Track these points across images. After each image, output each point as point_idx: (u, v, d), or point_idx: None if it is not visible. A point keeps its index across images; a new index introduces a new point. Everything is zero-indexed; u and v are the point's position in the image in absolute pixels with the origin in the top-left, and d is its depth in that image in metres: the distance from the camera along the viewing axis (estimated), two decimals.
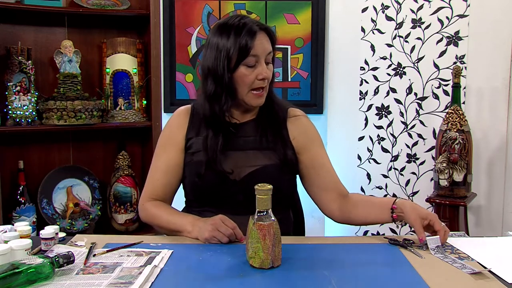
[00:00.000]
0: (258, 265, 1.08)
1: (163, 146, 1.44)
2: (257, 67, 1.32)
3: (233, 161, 1.36)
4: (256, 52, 1.30)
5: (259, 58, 1.31)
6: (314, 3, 2.57)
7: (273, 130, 1.40)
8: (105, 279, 1.01)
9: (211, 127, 1.37)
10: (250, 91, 1.34)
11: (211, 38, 1.34)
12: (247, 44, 1.29)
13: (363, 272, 1.08)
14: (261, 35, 1.32)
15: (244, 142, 1.39)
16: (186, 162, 1.41)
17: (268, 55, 1.33)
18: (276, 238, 1.08)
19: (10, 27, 2.41)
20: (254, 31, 1.30)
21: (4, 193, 2.28)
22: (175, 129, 1.44)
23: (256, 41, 1.30)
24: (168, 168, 1.41)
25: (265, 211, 1.08)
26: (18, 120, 2.30)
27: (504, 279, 1.03)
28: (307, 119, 1.49)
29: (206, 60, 1.36)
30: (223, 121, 1.38)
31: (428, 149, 2.45)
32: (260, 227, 1.07)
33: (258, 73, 1.32)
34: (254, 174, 1.34)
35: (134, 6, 2.59)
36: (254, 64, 1.31)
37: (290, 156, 1.39)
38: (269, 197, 1.08)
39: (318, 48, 2.58)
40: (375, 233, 2.53)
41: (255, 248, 1.07)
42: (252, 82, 1.32)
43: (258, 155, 1.37)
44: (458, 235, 1.32)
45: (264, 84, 1.34)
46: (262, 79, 1.32)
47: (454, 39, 2.38)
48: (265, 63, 1.33)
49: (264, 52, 1.32)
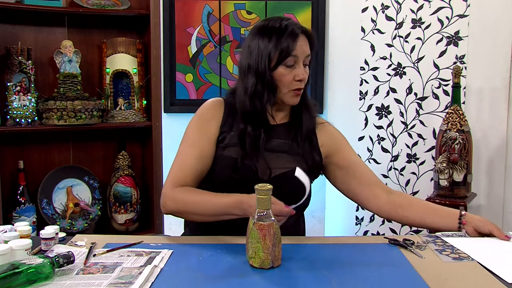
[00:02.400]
0: (258, 265, 1.08)
1: (196, 134, 1.41)
2: (296, 68, 1.35)
3: (264, 161, 1.37)
4: (296, 53, 1.34)
5: (298, 60, 1.35)
6: (314, 3, 2.57)
7: (304, 135, 1.43)
8: (105, 279, 1.01)
9: (250, 123, 1.38)
10: (289, 91, 1.37)
11: (252, 38, 1.38)
12: (288, 46, 1.33)
13: (363, 272, 1.08)
14: (302, 38, 1.36)
15: (276, 144, 1.41)
16: (217, 155, 1.39)
17: (306, 57, 1.38)
18: (276, 238, 1.08)
19: (10, 27, 2.41)
20: (296, 34, 1.35)
21: (4, 193, 2.28)
22: (209, 119, 1.43)
23: (297, 43, 1.34)
24: (202, 155, 1.38)
25: (265, 211, 1.08)
26: (18, 120, 2.30)
27: (504, 279, 1.03)
28: (332, 125, 1.54)
29: (246, 58, 1.39)
30: (263, 119, 1.39)
31: (428, 149, 2.45)
32: (260, 227, 1.07)
33: (295, 74, 1.35)
34: (284, 175, 1.36)
35: (134, 6, 2.59)
36: (293, 65, 1.35)
37: (318, 162, 1.44)
38: (269, 197, 1.08)
39: (318, 48, 2.58)
40: (375, 233, 2.54)
41: (255, 248, 1.07)
42: (290, 82, 1.36)
43: (288, 158, 1.40)
44: (459, 235, 1.32)
45: (302, 85, 1.38)
46: (299, 80, 1.36)
47: (454, 39, 2.38)
48: (303, 65, 1.37)
49: (303, 54, 1.36)
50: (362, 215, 2.56)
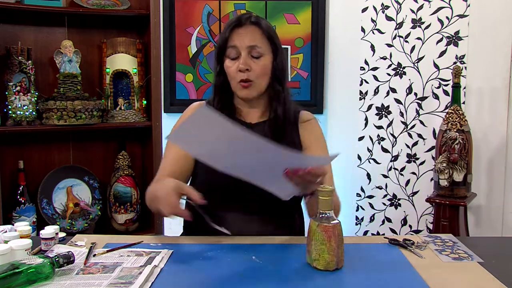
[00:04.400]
0: (323, 267, 1.06)
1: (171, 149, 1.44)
2: (239, 59, 1.35)
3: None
4: (234, 43, 1.34)
5: (239, 50, 1.34)
6: (314, 3, 2.57)
7: (284, 133, 1.41)
8: (105, 279, 1.01)
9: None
10: (237, 83, 1.37)
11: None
12: (226, 38, 1.35)
13: (363, 272, 1.08)
14: (246, 28, 1.35)
15: None
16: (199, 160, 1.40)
17: (251, 48, 1.35)
18: (340, 239, 1.07)
19: (10, 27, 2.40)
20: (236, 24, 1.35)
21: (4, 193, 2.28)
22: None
23: (235, 33, 1.34)
24: (175, 157, 1.41)
25: (328, 212, 1.07)
26: (18, 120, 2.30)
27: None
28: (317, 123, 1.51)
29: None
30: (232, 115, 1.39)
31: (428, 149, 2.45)
32: (325, 228, 1.06)
33: (238, 64, 1.34)
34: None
35: (134, 6, 2.59)
36: (237, 57, 1.35)
37: None
38: (331, 199, 1.07)
39: (318, 48, 2.58)
40: (375, 233, 2.54)
41: (319, 250, 1.06)
42: (235, 74, 1.35)
43: None
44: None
45: (245, 77, 1.35)
46: (240, 71, 1.34)
47: (454, 39, 2.38)
48: (252, 57, 1.35)
49: (243, 44, 1.34)
50: (362, 215, 2.56)
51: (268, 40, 1.37)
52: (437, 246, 1.24)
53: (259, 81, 1.37)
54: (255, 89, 1.38)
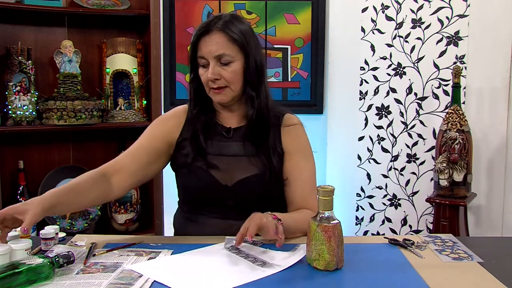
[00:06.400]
0: (323, 267, 1.06)
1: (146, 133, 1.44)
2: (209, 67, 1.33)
3: (225, 166, 1.35)
4: (202, 53, 1.32)
5: (207, 59, 1.31)
6: (314, 3, 2.57)
7: (265, 137, 1.38)
8: (105, 279, 1.01)
9: (204, 130, 1.38)
10: (209, 90, 1.35)
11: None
12: (193, 48, 1.34)
13: (363, 272, 1.08)
14: (214, 36, 1.31)
15: (236, 148, 1.38)
16: (179, 164, 1.40)
17: (221, 56, 1.31)
18: (340, 239, 1.07)
19: (10, 27, 2.40)
20: (203, 32, 1.32)
21: (4, 193, 2.28)
22: (166, 119, 1.45)
23: (202, 42, 1.32)
24: (141, 144, 1.41)
25: (328, 212, 1.07)
26: (18, 120, 2.30)
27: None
28: (302, 128, 1.46)
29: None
30: (209, 119, 1.40)
31: (428, 149, 2.45)
32: (325, 228, 1.05)
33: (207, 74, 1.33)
34: (245, 181, 1.34)
35: (134, 6, 2.58)
36: (208, 64, 1.32)
37: (277, 166, 1.38)
38: (332, 198, 1.07)
39: (318, 48, 2.58)
40: (375, 233, 2.54)
41: (319, 250, 1.06)
42: (206, 81, 1.34)
43: (249, 161, 1.36)
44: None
45: (215, 85, 1.33)
46: (210, 80, 1.32)
47: (454, 39, 2.38)
48: (222, 63, 1.31)
49: (210, 54, 1.31)
50: (362, 215, 2.56)
51: (237, 45, 1.32)
52: (437, 246, 1.24)
53: (232, 86, 1.34)
54: (229, 94, 1.35)
